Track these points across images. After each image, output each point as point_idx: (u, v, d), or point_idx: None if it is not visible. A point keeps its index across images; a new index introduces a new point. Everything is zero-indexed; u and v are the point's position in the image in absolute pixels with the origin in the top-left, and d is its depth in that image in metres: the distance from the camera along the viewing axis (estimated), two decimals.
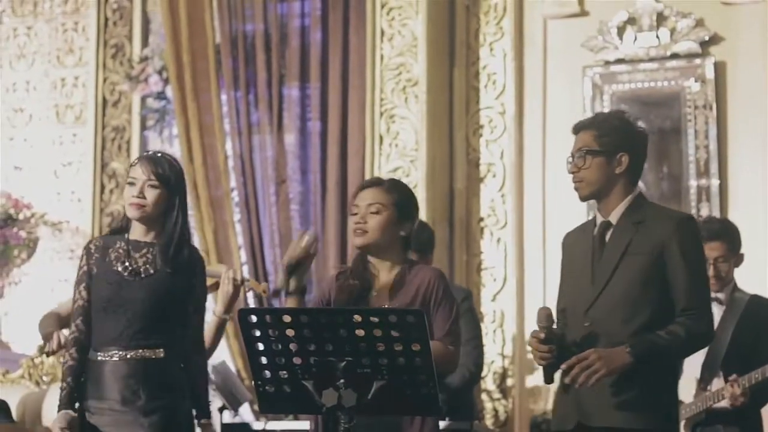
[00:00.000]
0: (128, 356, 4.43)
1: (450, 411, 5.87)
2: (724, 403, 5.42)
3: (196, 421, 4.54)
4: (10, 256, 8.70)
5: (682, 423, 5.55)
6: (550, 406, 7.68)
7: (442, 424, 5.50)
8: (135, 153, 8.76)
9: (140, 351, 4.44)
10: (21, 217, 8.74)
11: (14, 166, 9.02)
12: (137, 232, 4.56)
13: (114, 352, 4.45)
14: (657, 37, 7.80)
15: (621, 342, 4.14)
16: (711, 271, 5.52)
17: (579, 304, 4.26)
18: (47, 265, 8.85)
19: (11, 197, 8.76)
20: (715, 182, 7.62)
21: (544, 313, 4.19)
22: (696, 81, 7.68)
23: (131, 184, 4.50)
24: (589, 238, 4.34)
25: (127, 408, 4.42)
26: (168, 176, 4.49)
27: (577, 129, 4.39)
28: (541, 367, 4.25)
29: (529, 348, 4.36)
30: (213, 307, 5.22)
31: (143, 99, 8.87)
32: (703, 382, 5.53)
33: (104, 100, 8.95)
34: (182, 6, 8.40)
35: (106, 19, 9.00)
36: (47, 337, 5.07)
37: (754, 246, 6.25)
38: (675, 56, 7.77)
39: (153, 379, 4.43)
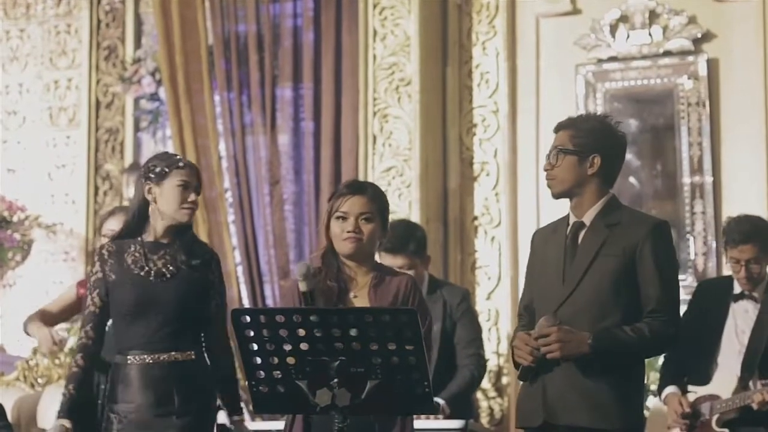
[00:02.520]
0: (161, 358, 4.45)
1: (452, 411, 5.88)
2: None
3: (228, 419, 4.57)
4: (4, 258, 8.70)
5: (715, 418, 5.54)
6: None
7: (435, 423, 5.51)
8: (128, 155, 8.76)
9: (173, 353, 4.46)
10: (15, 219, 8.73)
11: (8, 169, 9.01)
12: (152, 234, 4.57)
13: (144, 355, 4.46)
14: (649, 34, 7.80)
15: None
16: (742, 273, 5.52)
17: (548, 303, 4.29)
18: (41, 267, 8.84)
19: (5, 200, 8.76)
20: (708, 179, 7.62)
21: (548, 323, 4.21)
22: (689, 78, 7.69)
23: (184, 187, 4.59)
24: (561, 238, 4.35)
25: (160, 410, 4.43)
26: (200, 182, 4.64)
27: (558, 128, 4.48)
28: (518, 365, 4.34)
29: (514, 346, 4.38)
30: None
31: (136, 100, 8.87)
32: (743, 380, 5.50)
33: (97, 102, 8.94)
34: (175, 7, 8.39)
35: (99, 21, 8.99)
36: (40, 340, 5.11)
37: None
38: (668, 54, 7.77)
39: (186, 382, 4.45)
